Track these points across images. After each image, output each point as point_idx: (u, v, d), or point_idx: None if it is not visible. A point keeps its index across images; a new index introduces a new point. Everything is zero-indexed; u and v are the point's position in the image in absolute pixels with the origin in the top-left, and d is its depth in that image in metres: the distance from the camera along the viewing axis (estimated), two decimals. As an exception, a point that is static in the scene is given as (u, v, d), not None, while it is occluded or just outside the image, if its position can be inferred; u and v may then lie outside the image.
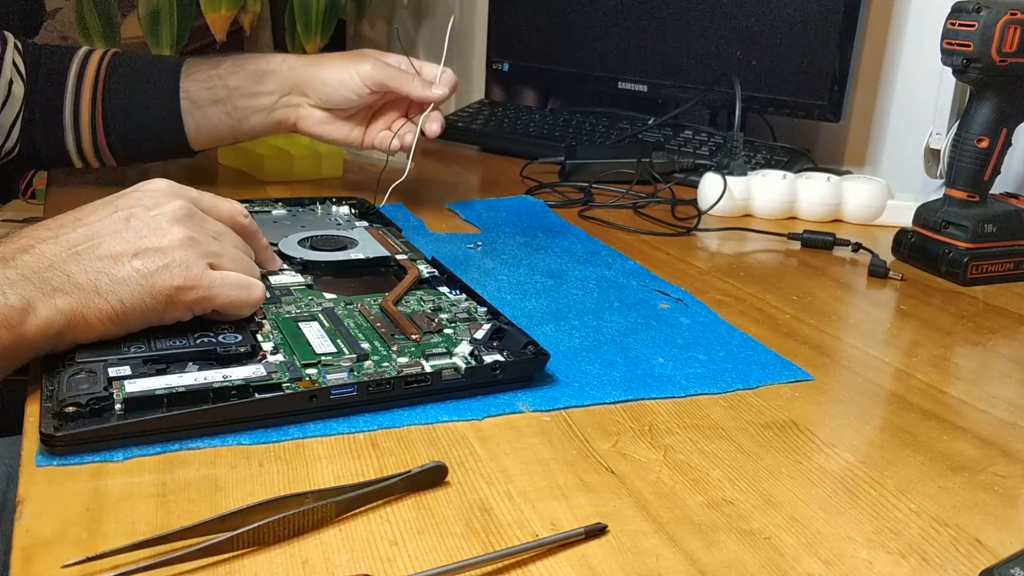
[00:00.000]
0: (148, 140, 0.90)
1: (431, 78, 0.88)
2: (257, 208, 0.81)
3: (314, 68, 0.87)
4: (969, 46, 0.74)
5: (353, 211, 0.83)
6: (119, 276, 0.49)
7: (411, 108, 0.90)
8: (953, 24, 0.75)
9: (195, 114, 0.88)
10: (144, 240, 0.50)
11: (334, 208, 0.84)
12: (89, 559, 0.35)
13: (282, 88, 0.87)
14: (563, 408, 0.51)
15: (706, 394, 0.54)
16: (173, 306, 0.51)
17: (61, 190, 0.93)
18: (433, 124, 0.88)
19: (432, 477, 0.42)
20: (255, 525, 0.37)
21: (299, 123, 0.89)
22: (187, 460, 0.43)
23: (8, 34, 0.88)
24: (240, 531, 0.37)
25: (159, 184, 0.54)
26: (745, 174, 0.96)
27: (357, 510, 0.40)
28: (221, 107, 0.88)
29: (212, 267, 0.52)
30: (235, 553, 0.37)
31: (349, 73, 0.86)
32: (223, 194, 0.59)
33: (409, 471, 0.42)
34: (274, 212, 0.81)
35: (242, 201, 0.83)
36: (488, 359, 0.52)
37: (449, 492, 0.42)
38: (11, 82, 0.86)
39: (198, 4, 1.46)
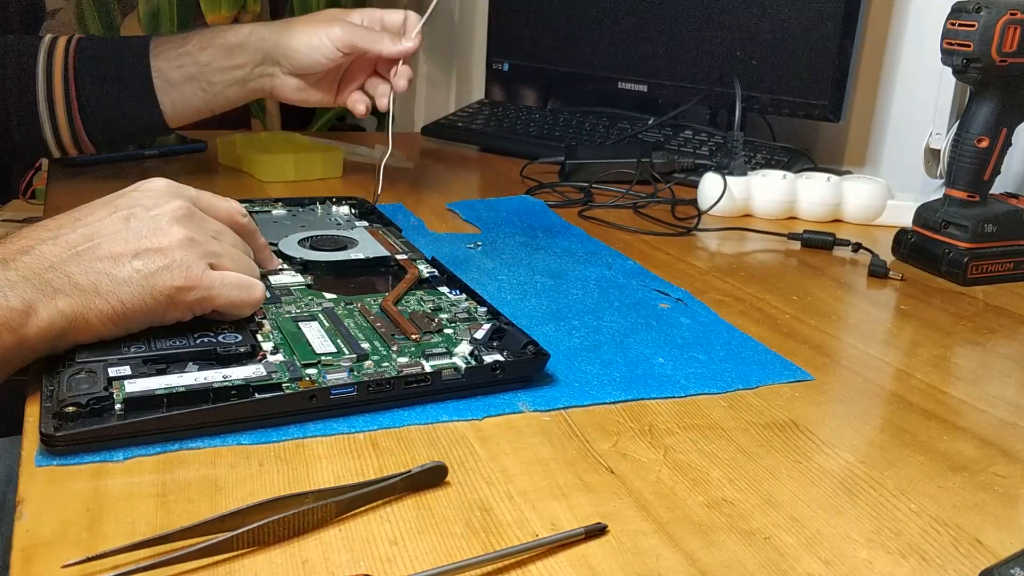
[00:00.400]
0: (126, 123, 0.90)
1: (396, 29, 0.89)
2: (257, 208, 0.81)
3: (283, 36, 0.88)
4: (969, 46, 0.74)
5: (353, 211, 0.83)
6: (120, 277, 0.49)
7: (380, 63, 0.91)
8: (953, 24, 0.75)
9: (170, 93, 0.89)
10: (144, 240, 0.50)
11: (334, 208, 0.83)
12: (89, 559, 0.35)
13: (254, 59, 0.88)
14: (563, 408, 0.51)
15: (706, 394, 0.54)
16: (174, 306, 0.51)
17: (61, 190, 0.93)
18: (401, 80, 0.89)
19: (432, 477, 0.42)
20: (255, 525, 0.37)
21: (274, 91, 0.91)
22: (187, 460, 0.43)
23: None
24: (240, 531, 0.37)
25: (158, 183, 0.54)
26: (745, 174, 0.96)
27: (357, 510, 0.40)
28: (195, 84, 0.88)
29: (212, 267, 0.52)
30: (235, 553, 0.37)
31: (319, 38, 0.86)
32: (223, 194, 0.59)
33: (409, 471, 0.42)
34: (274, 212, 0.81)
35: (242, 201, 0.83)
36: (488, 359, 0.52)
37: (449, 492, 0.42)
38: None
39: (198, 4, 1.47)
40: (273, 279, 0.64)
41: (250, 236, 0.60)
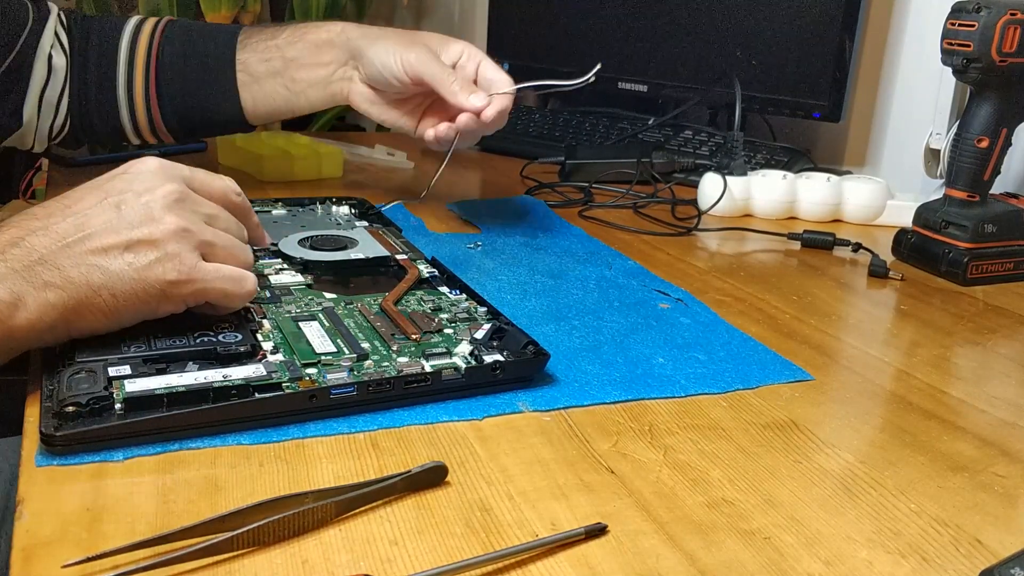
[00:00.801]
0: (204, 115, 0.87)
1: (482, 80, 0.82)
2: (257, 208, 0.81)
3: (367, 41, 0.82)
4: (969, 46, 0.74)
5: (353, 211, 0.83)
6: (111, 270, 0.48)
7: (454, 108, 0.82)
8: (953, 24, 0.75)
9: (252, 87, 0.86)
10: (136, 231, 0.49)
11: (334, 208, 0.83)
12: (89, 559, 0.35)
13: (339, 59, 0.84)
14: (563, 408, 0.51)
15: (706, 394, 0.54)
16: (166, 300, 0.50)
17: (61, 190, 0.93)
18: (467, 139, 0.82)
19: (432, 477, 0.42)
20: (255, 525, 0.37)
21: (351, 96, 0.85)
22: (187, 460, 0.43)
23: (52, 5, 0.85)
24: (240, 531, 0.37)
25: (150, 164, 0.52)
26: (745, 174, 0.96)
27: (357, 510, 0.40)
28: (279, 79, 0.85)
29: (205, 257, 0.51)
30: (235, 553, 0.37)
31: (394, 57, 0.80)
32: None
33: (409, 471, 0.42)
34: (274, 212, 0.81)
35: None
36: (488, 359, 0.52)
37: (449, 492, 0.42)
38: (50, 56, 0.83)
39: (198, 4, 1.47)
40: (273, 279, 0.64)
41: (244, 215, 0.57)
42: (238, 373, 0.48)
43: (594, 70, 0.79)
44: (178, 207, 0.50)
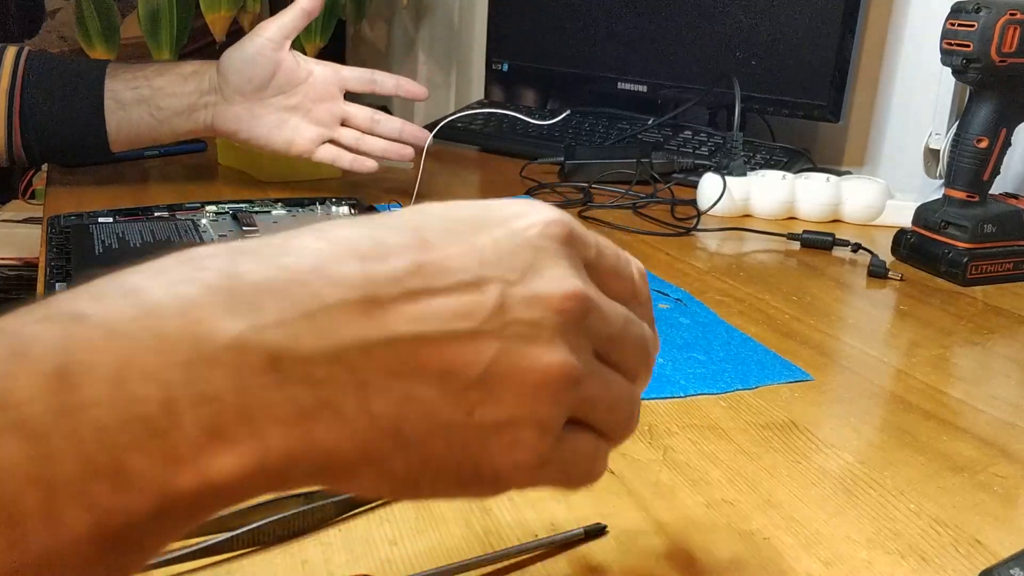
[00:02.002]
0: (67, 139, 0.88)
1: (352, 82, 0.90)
2: (257, 208, 0.81)
3: (225, 55, 0.87)
4: (969, 46, 0.74)
5: (353, 211, 0.83)
6: (439, 421, 0.26)
7: (350, 118, 0.90)
8: (953, 24, 0.75)
9: (118, 114, 0.87)
10: (496, 383, 0.27)
11: (334, 208, 0.84)
12: None
13: (201, 87, 0.87)
14: (563, 408, 0.51)
15: (706, 394, 0.54)
16: (480, 488, 0.28)
17: (60, 191, 0.93)
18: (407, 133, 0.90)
19: None
20: (255, 525, 0.37)
21: (215, 120, 0.87)
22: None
23: None
24: (240, 531, 0.37)
25: (555, 230, 0.29)
26: (745, 174, 0.96)
27: (357, 511, 0.40)
28: (144, 107, 0.87)
29: (575, 414, 0.29)
30: (235, 553, 0.37)
31: (252, 39, 0.86)
32: (224, 194, 0.58)
33: None
34: (274, 212, 0.81)
35: (242, 201, 0.84)
36: (488, 359, 0.52)
37: (449, 492, 0.42)
38: None
39: (198, 4, 1.47)
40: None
41: (646, 310, 0.35)
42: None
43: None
44: (573, 334, 0.28)
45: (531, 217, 0.30)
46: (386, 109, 0.97)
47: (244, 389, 0.23)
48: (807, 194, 0.95)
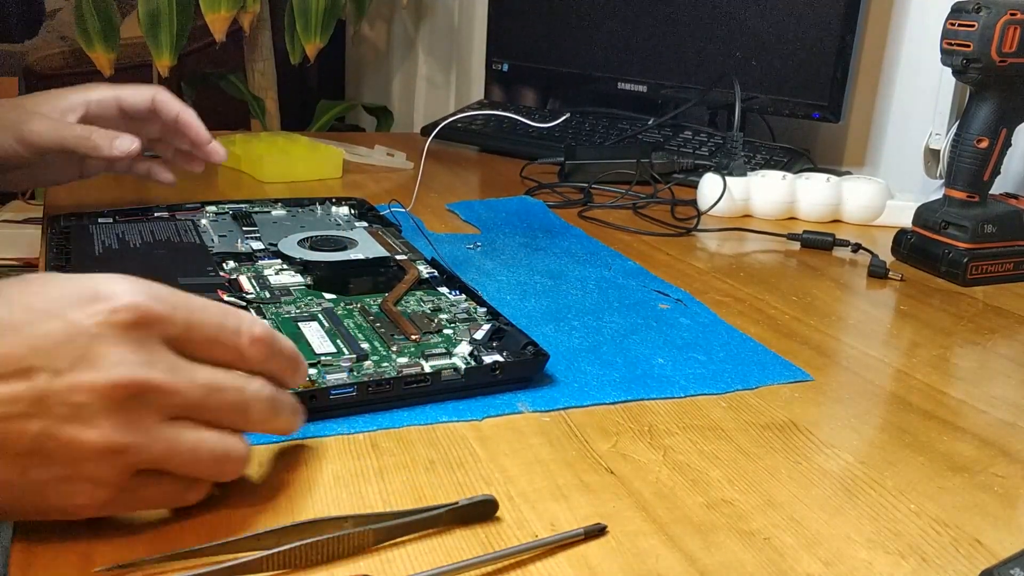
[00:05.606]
0: None
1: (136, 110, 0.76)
2: (257, 208, 0.81)
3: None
4: (969, 46, 0.74)
5: (353, 211, 0.83)
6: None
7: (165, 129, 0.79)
8: (953, 24, 0.75)
9: None
10: (47, 441, 0.33)
11: (334, 208, 0.83)
12: (119, 567, 0.35)
13: None
14: (563, 408, 0.51)
15: (706, 394, 0.54)
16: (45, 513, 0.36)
17: (61, 190, 0.93)
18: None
19: (482, 510, 0.40)
20: (289, 547, 0.36)
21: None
22: (187, 460, 0.43)
23: None
24: (272, 552, 0.35)
25: (120, 318, 0.34)
26: (745, 174, 0.96)
27: (396, 539, 0.38)
28: None
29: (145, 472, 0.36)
30: (265, 575, 0.36)
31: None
32: (224, 194, 0.58)
33: (456, 503, 0.39)
34: (274, 212, 0.81)
35: (242, 201, 0.84)
36: (488, 359, 0.52)
37: (449, 492, 0.42)
38: None
39: (198, 4, 1.47)
40: (273, 279, 0.64)
41: (272, 365, 0.40)
42: (238, 373, 0.48)
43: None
44: (127, 409, 0.34)
45: (99, 305, 0.34)
46: (386, 110, 0.97)
47: None
48: (807, 194, 0.95)
